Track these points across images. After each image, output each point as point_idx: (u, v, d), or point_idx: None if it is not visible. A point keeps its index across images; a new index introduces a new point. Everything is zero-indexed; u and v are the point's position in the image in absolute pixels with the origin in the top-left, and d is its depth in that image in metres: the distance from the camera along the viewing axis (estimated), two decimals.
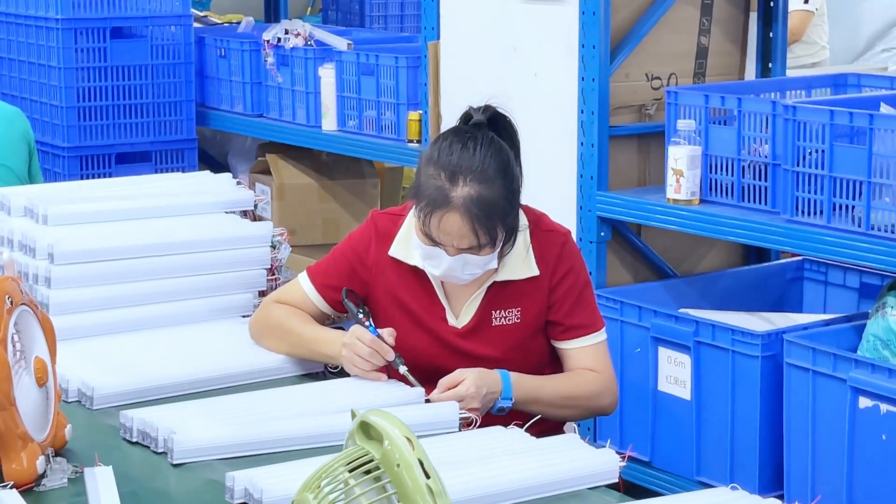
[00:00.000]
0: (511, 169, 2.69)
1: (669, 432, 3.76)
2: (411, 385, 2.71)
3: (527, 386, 2.73)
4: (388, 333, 2.74)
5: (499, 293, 2.79)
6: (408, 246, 2.78)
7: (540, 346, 2.83)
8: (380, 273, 2.83)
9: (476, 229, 2.63)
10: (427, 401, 2.66)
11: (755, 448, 3.53)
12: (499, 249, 2.71)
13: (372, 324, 2.77)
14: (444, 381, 2.67)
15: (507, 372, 2.72)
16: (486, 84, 4.24)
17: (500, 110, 2.77)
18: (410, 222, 2.77)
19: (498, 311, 2.79)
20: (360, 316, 2.79)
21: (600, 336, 2.85)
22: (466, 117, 2.76)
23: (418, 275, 2.79)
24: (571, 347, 2.83)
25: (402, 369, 2.72)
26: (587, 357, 2.83)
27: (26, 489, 2.21)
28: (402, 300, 2.81)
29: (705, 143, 3.73)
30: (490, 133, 2.71)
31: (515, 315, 2.80)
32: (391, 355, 2.71)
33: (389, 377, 2.74)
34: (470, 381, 2.65)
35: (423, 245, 2.70)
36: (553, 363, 2.87)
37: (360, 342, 2.72)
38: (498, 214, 2.65)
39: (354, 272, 2.85)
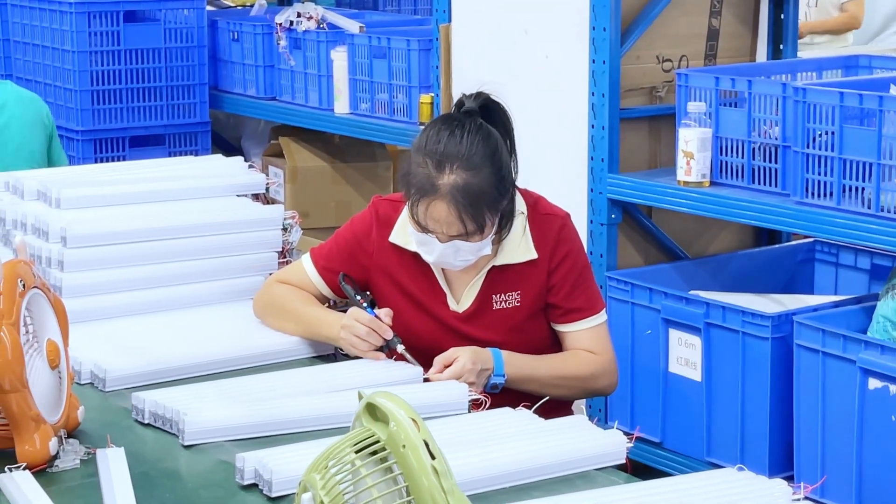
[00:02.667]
0: (499, 156, 2.69)
1: (680, 414, 3.77)
2: (410, 333, 2.73)
3: (519, 363, 2.75)
4: (385, 314, 2.76)
5: (498, 277, 2.80)
6: (408, 232, 2.79)
7: (540, 329, 2.85)
8: (381, 258, 2.85)
9: (462, 217, 2.64)
10: (426, 380, 2.68)
11: (765, 429, 3.54)
12: (492, 235, 2.71)
13: (369, 306, 2.79)
14: (438, 360, 2.69)
15: (499, 350, 2.74)
16: (498, 67, 4.25)
17: (492, 97, 2.77)
18: None
19: (498, 295, 2.80)
20: (358, 298, 2.81)
21: (600, 318, 2.86)
22: (459, 104, 2.77)
23: (419, 260, 2.80)
24: (571, 330, 2.84)
25: (400, 348, 2.74)
26: (586, 339, 2.84)
27: (39, 470, 2.23)
28: (403, 285, 2.83)
29: (716, 125, 3.73)
30: (479, 120, 2.70)
31: (515, 298, 2.81)
32: (389, 334, 2.74)
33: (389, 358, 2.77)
34: (465, 357, 2.68)
35: (416, 232, 2.71)
36: (554, 346, 2.88)
37: (357, 323, 2.74)
38: (485, 202, 2.65)
39: (355, 257, 2.87)
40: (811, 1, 6.68)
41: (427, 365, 2.73)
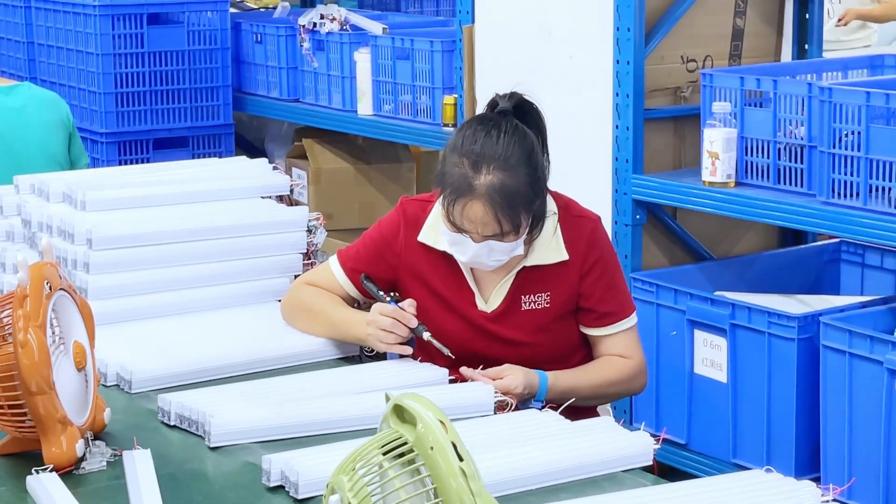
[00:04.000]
0: (535, 156, 2.68)
1: (705, 415, 3.76)
2: (437, 351, 2.73)
3: (562, 384, 2.74)
4: (408, 304, 2.76)
5: (528, 278, 2.79)
6: (437, 232, 2.79)
7: (569, 331, 2.84)
8: (409, 259, 2.84)
9: (499, 217, 2.63)
10: (454, 380, 2.67)
11: (791, 430, 3.52)
12: (524, 236, 2.71)
13: (393, 300, 2.79)
14: (489, 372, 2.68)
15: (546, 375, 2.73)
16: (521, 67, 4.24)
17: (526, 97, 2.77)
18: (439, 208, 2.78)
19: (527, 296, 2.80)
20: (381, 293, 2.81)
21: (631, 321, 2.85)
22: (493, 104, 2.76)
23: (447, 260, 2.80)
24: (604, 334, 2.83)
25: (426, 335, 2.74)
26: (619, 343, 2.83)
27: (66, 472, 2.24)
28: (432, 285, 2.83)
29: (741, 125, 3.72)
30: (514, 121, 2.70)
31: (545, 300, 2.80)
32: (413, 322, 2.74)
33: (416, 354, 2.77)
34: (518, 380, 2.67)
35: (449, 232, 2.71)
36: (583, 347, 2.87)
37: (381, 316, 2.74)
38: (521, 202, 2.65)
39: (383, 258, 2.87)
40: None
41: (456, 365, 2.73)
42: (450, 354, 2.73)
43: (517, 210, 2.65)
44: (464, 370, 2.70)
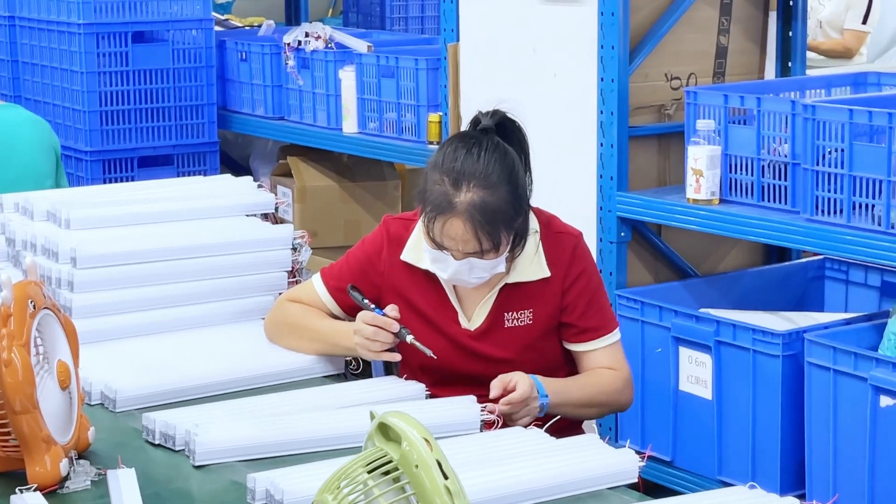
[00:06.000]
0: (516, 174, 2.68)
1: (691, 432, 3.76)
2: (421, 353, 2.72)
3: (552, 387, 2.74)
4: (390, 308, 2.77)
5: (510, 295, 2.80)
6: (419, 250, 2.79)
7: (553, 348, 2.84)
8: (392, 277, 2.85)
9: (479, 235, 2.64)
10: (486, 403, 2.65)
11: (776, 447, 3.53)
12: (506, 253, 2.71)
13: (377, 308, 2.79)
14: (497, 383, 2.66)
15: (535, 376, 2.73)
16: (506, 85, 4.25)
17: (509, 115, 2.77)
18: (422, 226, 2.78)
19: (510, 313, 2.80)
20: (366, 302, 2.81)
21: (615, 336, 2.85)
22: (475, 122, 2.77)
23: (430, 278, 2.80)
24: (587, 350, 2.84)
25: (409, 338, 2.74)
26: (603, 358, 2.83)
27: (50, 492, 2.23)
28: (414, 303, 2.83)
29: (725, 142, 3.73)
30: (496, 138, 2.70)
31: (528, 317, 2.80)
32: (395, 327, 2.74)
33: (401, 369, 2.77)
34: (525, 382, 2.65)
35: (431, 249, 2.71)
36: (567, 365, 2.87)
37: (364, 324, 2.74)
38: (502, 220, 2.65)
39: (367, 276, 2.87)
40: (818, 23, 6.68)
41: (440, 383, 2.73)
42: (433, 355, 2.73)
43: (497, 227, 2.65)
44: (498, 405, 2.65)
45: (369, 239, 2.91)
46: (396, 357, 2.77)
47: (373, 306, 2.80)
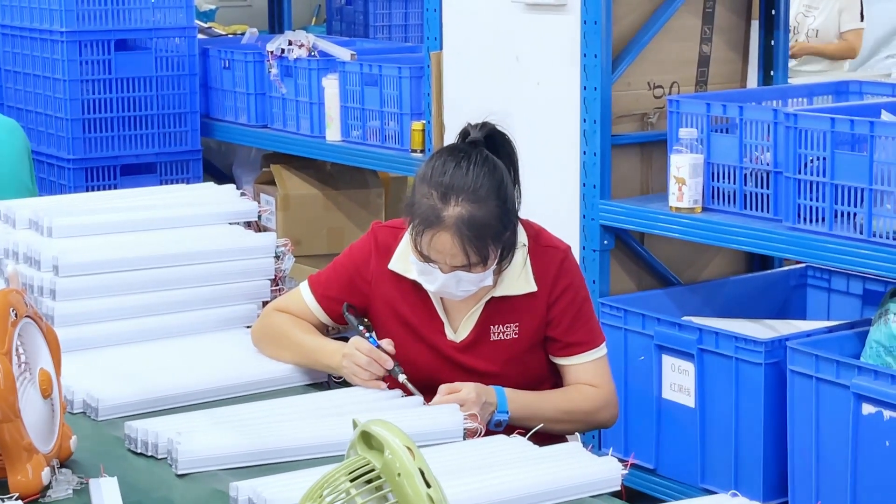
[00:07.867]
0: (504, 188, 2.67)
1: (673, 440, 3.76)
2: (411, 394, 2.72)
3: (522, 400, 2.73)
4: (386, 343, 2.75)
5: (497, 308, 2.79)
6: (407, 260, 2.78)
7: (539, 361, 2.83)
8: (379, 286, 2.84)
9: (466, 249, 2.63)
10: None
11: (759, 455, 3.53)
12: (493, 266, 2.70)
13: (372, 336, 2.79)
14: (444, 388, 2.68)
15: (502, 387, 2.73)
16: (489, 93, 4.26)
17: (498, 127, 2.76)
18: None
19: (496, 326, 2.79)
20: (361, 328, 2.81)
21: (600, 352, 2.84)
22: (464, 134, 2.76)
23: (417, 289, 2.80)
24: (571, 364, 2.82)
25: (402, 378, 2.73)
26: (587, 373, 2.82)
27: (32, 500, 2.22)
28: (401, 313, 2.82)
29: (707, 151, 3.73)
30: (485, 151, 2.69)
31: (514, 330, 2.80)
32: (390, 364, 2.73)
33: (390, 387, 2.76)
34: (470, 387, 2.66)
35: (418, 262, 2.71)
36: (553, 378, 2.86)
37: (358, 352, 2.74)
38: (489, 234, 2.64)
39: (354, 284, 2.86)
40: (811, 32, 6.70)
41: (424, 394, 2.72)
42: (420, 396, 2.72)
43: (485, 242, 2.64)
44: (432, 402, 2.68)
45: (357, 246, 2.90)
46: (381, 385, 2.75)
47: (367, 334, 2.79)
